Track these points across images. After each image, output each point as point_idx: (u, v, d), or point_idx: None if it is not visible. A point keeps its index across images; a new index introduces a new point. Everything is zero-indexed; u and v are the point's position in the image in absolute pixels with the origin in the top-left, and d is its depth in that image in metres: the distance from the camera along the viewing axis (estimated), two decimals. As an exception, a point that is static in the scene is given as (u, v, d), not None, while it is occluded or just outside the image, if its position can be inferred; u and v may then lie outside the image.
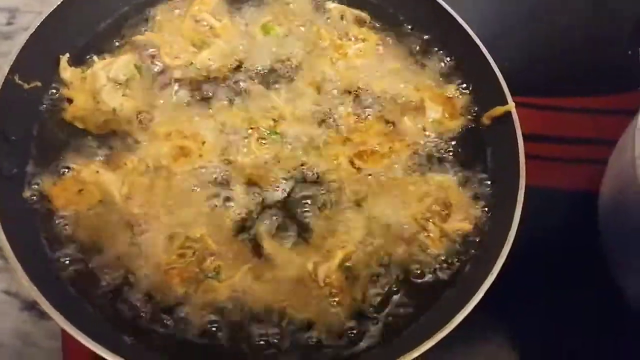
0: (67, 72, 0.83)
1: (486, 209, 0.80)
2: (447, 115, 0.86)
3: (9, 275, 0.85)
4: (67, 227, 0.75)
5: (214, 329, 0.71)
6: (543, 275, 0.88)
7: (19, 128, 0.78)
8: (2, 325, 0.82)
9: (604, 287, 0.85)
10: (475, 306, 0.69)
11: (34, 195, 0.76)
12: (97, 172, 0.77)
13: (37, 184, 0.76)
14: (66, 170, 0.77)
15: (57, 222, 0.75)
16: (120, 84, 0.83)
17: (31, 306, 0.83)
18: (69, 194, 0.75)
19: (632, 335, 0.84)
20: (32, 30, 0.79)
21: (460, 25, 0.88)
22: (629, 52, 1.06)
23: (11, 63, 0.76)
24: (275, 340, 0.71)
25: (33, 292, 0.65)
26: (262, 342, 0.71)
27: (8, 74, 0.76)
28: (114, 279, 0.72)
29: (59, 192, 0.76)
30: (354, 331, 0.72)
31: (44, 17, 0.80)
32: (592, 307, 0.86)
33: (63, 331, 0.78)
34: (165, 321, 0.71)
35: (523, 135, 0.80)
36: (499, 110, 0.83)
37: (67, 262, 0.73)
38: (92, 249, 0.74)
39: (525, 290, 0.85)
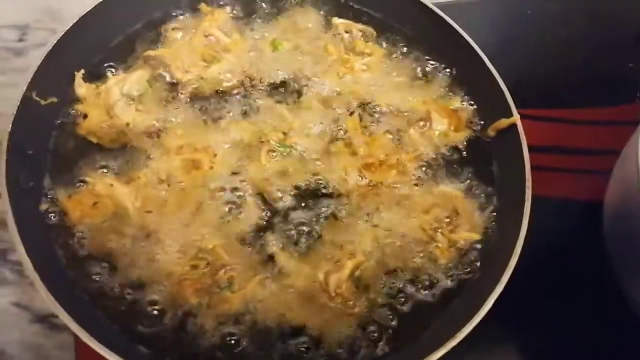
0: (81, 88, 0.84)
1: (494, 219, 0.81)
2: (452, 128, 0.87)
3: (20, 288, 0.86)
4: (82, 239, 0.76)
5: (227, 339, 0.72)
6: (550, 284, 0.89)
7: (35, 142, 0.79)
8: (13, 338, 0.83)
9: (611, 295, 0.86)
10: (485, 316, 0.69)
11: (50, 208, 0.77)
12: (111, 185, 0.78)
13: (53, 197, 0.78)
14: (81, 183, 0.79)
15: (72, 234, 0.76)
16: (133, 99, 0.85)
17: (42, 318, 0.84)
18: (83, 207, 0.77)
19: (638, 341, 0.84)
20: (48, 48, 0.80)
21: (465, 39, 0.90)
22: (630, 65, 1.08)
23: (29, 80, 0.78)
24: (287, 351, 0.72)
25: (50, 303, 0.66)
26: (274, 353, 0.72)
27: (26, 91, 0.77)
28: (128, 290, 0.73)
29: (74, 204, 0.77)
30: (364, 341, 0.73)
31: (59, 36, 0.82)
32: (599, 315, 0.87)
33: (76, 343, 0.80)
34: (179, 332, 0.72)
35: (528, 146, 0.82)
36: (504, 122, 0.84)
37: (82, 273, 0.74)
38: (106, 260, 0.75)
39: (533, 299, 0.86)
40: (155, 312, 0.72)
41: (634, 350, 0.85)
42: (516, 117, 0.83)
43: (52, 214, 0.77)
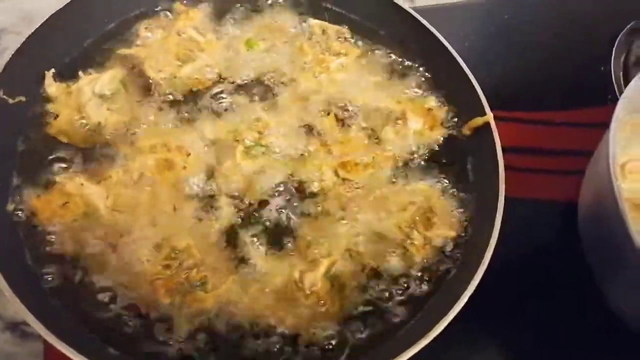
0: (52, 87, 0.83)
1: (468, 216, 0.82)
2: (427, 127, 0.88)
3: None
4: (51, 239, 0.74)
5: (199, 339, 0.71)
6: (527, 284, 0.89)
7: (3, 142, 0.78)
8: (-17, 347, 0.81)
9: (587, 294, 0.86)
10: (464, 314, 0.69)
11: (18, 209, 0.75)
12: (82, 184, 0.77)
13: (21, 197, 0.76)
14: (51, 183, 0.77)
15: (41, 234, 0.74)
16: (105, 98, 0.84)
17: (14, 326, 0.82)
18: (53, 207, 0.75)
19: (615, 338, 0.85)
20: (17, 46, 0.79)
21: (440, 41, 0.90)
22: (601, 68, 1.10)
23: (-5, 79, 0.77)
24: (262, 350, 0.71)
25: (16, 305, 0.65)
26: (248, 353, 0.71)
27: (-7, 89, 0.76)
28: (99, 290, 0.72)
29: (44, 205, 0.75)
30: (340, 338, 0.72)
31: (28, 34, 0.81)
32: (576, 313, 0.87)
33: (46, 350, 0.78)
34: (150, 332, 0.70)
35: (503, 147, 0.82)
36: (478, 120, 0.85)
37: (51, 274, 0.73)
38: (77, 261, 0.74)
39: (510, 299, 0.86)
40: (126, 312, 0.71)
41: (610, 348, 0.85)
42: (489, 116, 0.84)
43: (20, 214, 0.75)
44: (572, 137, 1.03)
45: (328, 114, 0.87)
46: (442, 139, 0.88)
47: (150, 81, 0.86)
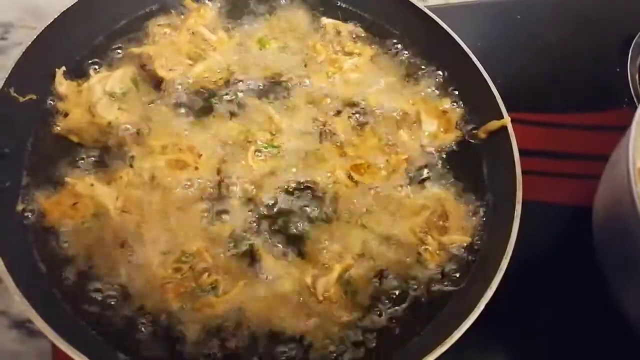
0: (62, 85, 0.82)
1: (484, 222, 0.80)
2: (442, 129, 0.87)
3: (-3, 294, 0.83)
4: (60, 241, 0.74)
5: (210, 345, 0.70)
6: (540, 288, 0.88)
7: (13, 141, 0.77)
8: (-10, 344, 0.81)
9: (600, 299, 0.85)
10: (475, 321, 0.68)
11: (27, 209, 0.75)
12: (92, 185, 0.76)
13: (31, 198, 0.75)
14: (60, 183, 0.77)
15: (50, 235, 0.74)
16: (116, 97, 0.83)
17: (20, 324, 0.82)
18: (63, 208, 0.75)
19: (629, 347, 0.84)
20: (27, 43, 0.79)
21: (455, 41, 0.89)
22: (617, 70, 1.08)
23: (6, 76, 0.76)
24: (272, 356, 0.70)
25: (24, 307, 0.64)
26: (261, 357, 0.70)
27: (3, 86, 0.75)
28: (108, 294, 0.71)
29: (53, 205, 0.75)
30: (352, 345, 0.72)
31: (39, 31, 0.80)
32: (589, 319, 0.87)
33: (53, 350, 0.77)
34: (160, 337, 0.70)
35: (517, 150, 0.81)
36: (494, 124, 0.84)
37: (60, 276, 0.72)
38: (86, 263, 0.73)
39: (522, 304, 0.85)
40: (136, 316, 0.70)
41: (623, 354, 0.84)
42: (507, 119, 0.83)
43: (30, 215, 0.75)
44: (586, 140, 1.02)
45: (341, 115, 0.86)
46: (457, 141, 0.87)
47: (161, 80, 0.85)
